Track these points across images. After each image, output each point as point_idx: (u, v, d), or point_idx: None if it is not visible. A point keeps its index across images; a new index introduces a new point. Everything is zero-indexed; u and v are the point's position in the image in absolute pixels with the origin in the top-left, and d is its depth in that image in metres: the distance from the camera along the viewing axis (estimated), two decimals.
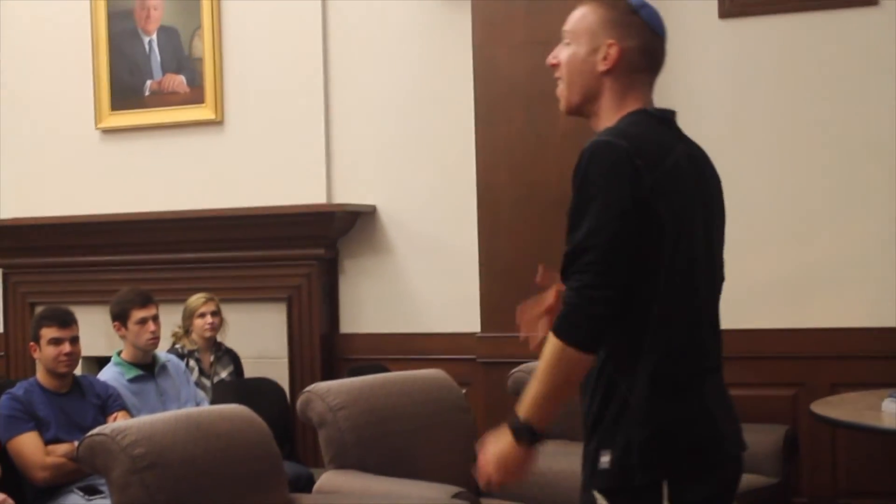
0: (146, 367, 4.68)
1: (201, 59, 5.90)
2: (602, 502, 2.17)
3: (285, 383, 5.57)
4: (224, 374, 5.27)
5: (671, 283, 2.19)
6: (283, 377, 5.60)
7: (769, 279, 4.93)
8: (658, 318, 2.17)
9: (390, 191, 5.61)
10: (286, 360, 5.69)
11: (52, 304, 4.84)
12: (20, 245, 6.20)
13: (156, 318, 4.66)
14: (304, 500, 3.68)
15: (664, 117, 2.35)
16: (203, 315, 5.22)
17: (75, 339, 4.38)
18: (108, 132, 6.14)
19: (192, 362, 5.16)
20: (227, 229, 5.76)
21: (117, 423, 3.39)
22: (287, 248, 5.68)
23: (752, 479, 4.35)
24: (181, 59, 5.96)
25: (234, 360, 5.37)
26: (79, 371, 4.67)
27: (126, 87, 6.07)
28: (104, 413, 4.35)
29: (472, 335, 5.21)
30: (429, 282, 5.55)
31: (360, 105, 5.66)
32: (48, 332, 4.33)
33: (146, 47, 6.02)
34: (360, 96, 5.66)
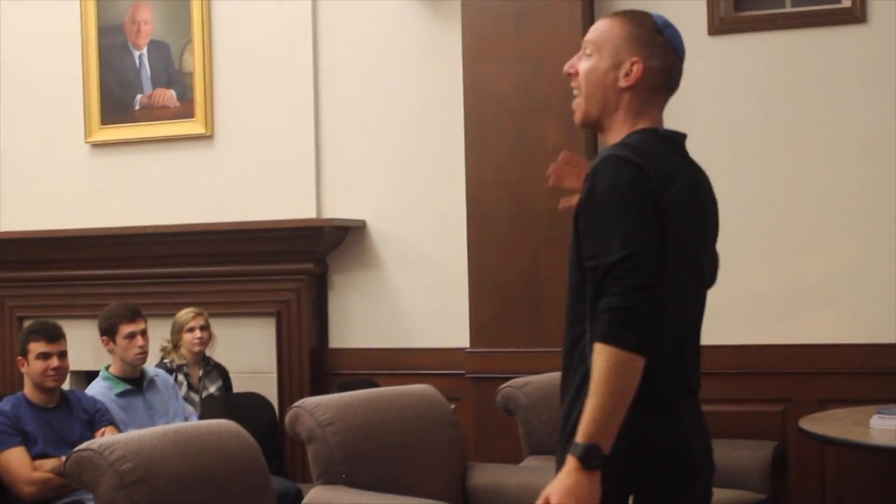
0: (134, 382, 4.66)
1: (191, 74, 5.90)
2: None
3: (274, 398, 5.56)
4: (213, 389, 5.26)
5: (667, 302, 2.20)
6: (271, 392, 5.59)
7: (757, 295, 4.94)
8: (653, 334, 2.18)
9: (380, 206, 5.62)
10: (275, 375, 5.68)
11: (41, 318, 4.83)
12: (8, 258, 6.18)
13: (144, 333, 4.65)
14: None
15: (674, 140, 2.36)
16: (192, 329, 5.21)
17: (63, 354, 4.37)
18: (97, 146, 6.13)
19: (180, 377, 5.14)
20: (217, 244, 5.75)
21: (105, 438, 3.37)
22: (276, 263, 5.67)
23: (740, 496, 4.35)
24: (171, 74, 5.96)
25: (223, 374, 5.36)
26: (67, 385, 4.66)
27: (116, 102, 6.06)
28: (92, 428, 4.34)
29: (462, 350, 5.21)
30: (418, 297, 5.55)
31: (350, 120, 5.67)
32: (36, 347, 4.32)
33: (136, 61, 6.02)
34: (350, 111, 5.67)
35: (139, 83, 6.02)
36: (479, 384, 5.07)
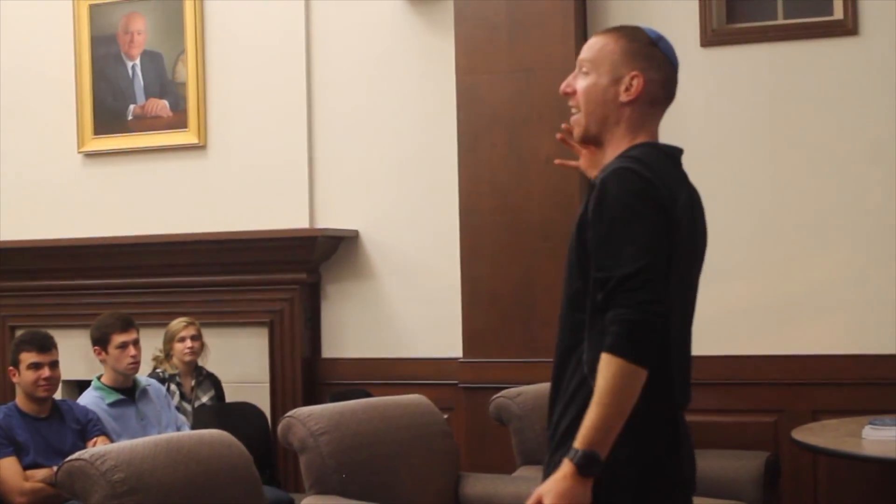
0: (127, 392, 4.65)
1: (185, 84, 5.90)
2: None
3: (267, 408, 5.55)
4: (205, 399, 5.25)
5: (672, 317, 2.20)
6: (264, 402, 5.58)
7: (751, 305, 4.95)
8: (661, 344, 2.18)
9: (373, 216, 5.62)
10: (268, 385, 5.68)
11: (32, 328, 4.82)
12: (0, 268, 6.17)
13: (136, 343, 4.64)
14: None
15: (673, 154, 2.37)
16: (183, 339, 5.21)
17: (55, 364, 4.36)
18: (90, 156, 6.13)
19: (172, 386, 5.14)
20: (210, 254, 5.75)
21: (96, 448, 3.36)
22: (269, 273, 5.67)
23: None
24: (164, 84, 5.96)
25: (216, 384, 5.35)
26: (59, 395, 4.64)
27: (109, 112, 6.06)
28: (84, 438, 4.32)
29: (455, 360, 5.21)
30: (411, 307, 5.55)
31: (343, 130, 5.67)
32: (27, 357, 4.31)
33: (129, 72, 6.03)
34: (343, 122, 5.67)
35: (132, 93, 6.02)
36: (472, 394, 5.07)
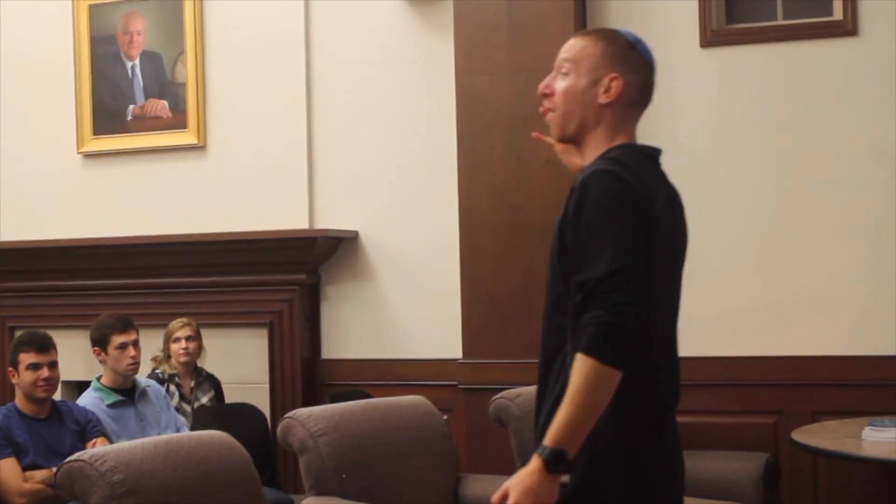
0: (126, 393, 4.65)
1: (184, 85, 5.90)
2: None
3: (266, 409, 5.55)
4: (204, 400, 5.24)
5: (654, 316, 2.22)
6: (263, 403, 5.58)
7: (750, 306, 4.94)
8: (642, 347, 2.18)
9: (372, 216, 5.62)
10: (267, 386, 5.67)
11: (31, 329, 4.81)
12: (0, 268, 6.17)
13: (136, 344, 4.64)
14: None
15: (651, 155, 2.38)
16: (178, 340, 5.21)
17: (54, 364, 4.36)
18: (90, 156, 6.13)
19: (172, 387, 5.14)
20: (209, 254, 5.75)
21: (96, 449, 3.36)
22: (269, 274, 5.67)
23: None
24: (164, 84, 5.96)
25: (215, 385, 5.35)
26: (58, 396, 4.64)
27: (108, 112, 6.06)
28: (83, 439, 4.32)
29: (454, 361, 5.20)
30: (411, 308, 5.54)
31: (342, 131, 5.67)
32: (26, 357, 4.31)
33: (129, 72, 6.02)
34: (342, 122, 5.67)
35: (132, 94, 6.02)
36: (472, 395, 5.07)
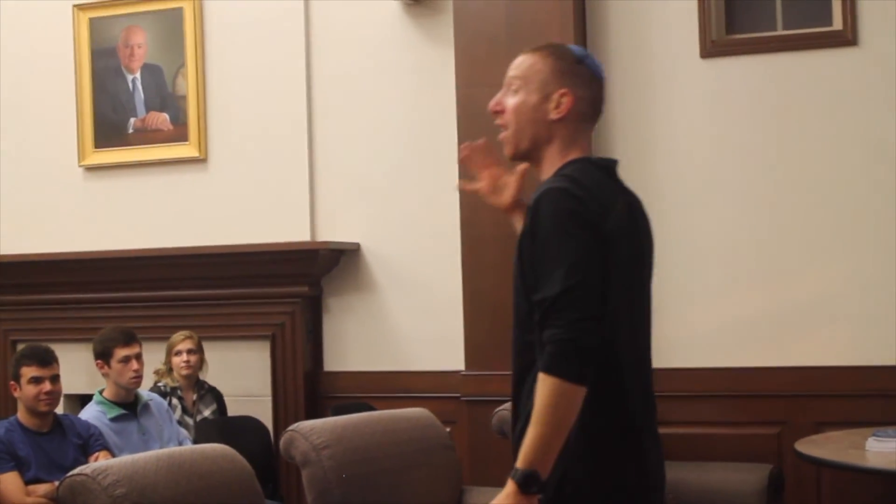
0: (128, 406, 4.65)
1: (185, 97, 5.91)
2: None
3: (269, 422, 5.54)
4: (207, 413, 5.24)
5: (618, 327, 2.24)
6: (266, 416, 5.57)
7: (752, 317, 4.93)
8: (607, 359, 2.20)
9: (374, 229, 5.62)
10: (269, 399, 5.66)
11: (33, 342, 4.81)
12: (2, 282, 6.16)
13: (139, 357, 4.64)
14: None
15: (607, 166, 2.40)
16: (179, 353, 5.21)
17: (56, 378, 4.35)
18: (91, 169, 6.13)
19: (174, 400, 5.13)
20: (211, 267, 5.74)
21: (98, 462, 3.36)
22: (270, 286, 5.66)
23: None
24: (165, 97, 5.97)
25: (217, 398, 5.34)
26: (60, 409, 4.63)
27: (110, 125, 6.07)
28: (85, 453, 4.31)
29: (457, 373, 5.20)
30: (413, 320, 5.54)
31: (343, 143, 5.67)
32: (28, 371, 4.30)
33: (130, 85, 6.03)
34: (343, 134, 5.67)
35: (133, 106, 6.02)
36: (475, 407, 5.06)
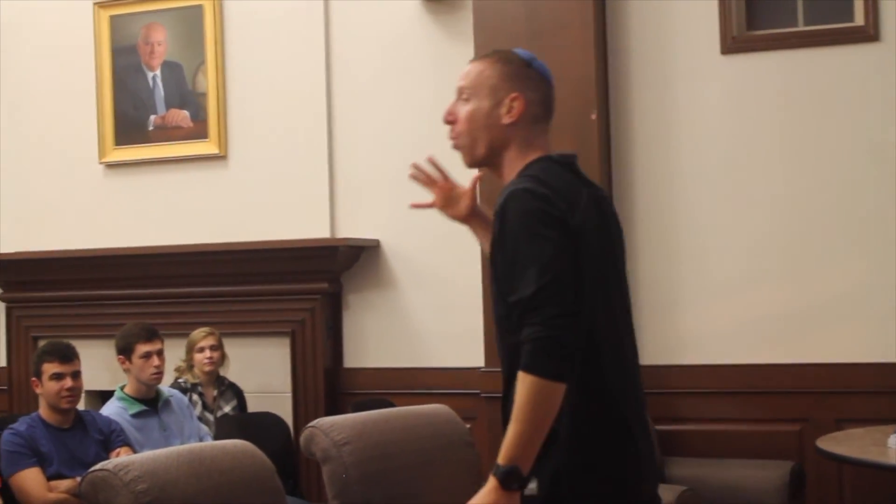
0: (150, 402, 4.66)
1: (205, 94, 5.92)
2: None
3: (289, 418, 5.55)
4: (227, 409, 5.25)
5: (596, 320, 2.25)
6: (286, 412, 5.58)
7: (774, 313, 4.92)
8: (588, 352, 2.22)
9: (394, 225, 5.62)
10: (290, 395, 5.68)
11: (55, 339, 4.83)
12: (23, 279, 6.20)
13: (160, 353, 4.66)
14: None
15: (568, 162, 2.42)
16: (202, 349, 5.22)
17: (77, 374, 4.37)
18: (111, 166, 6.16)
19: (195, 396, 5.15)
20: (231, 264, 5.76)
21: (120, 458, 3.37)
22: (291, 283, 5.67)
23: None
24: (185, 94, 5.99)
25: (238, 394, 5.36)
26: (82, 405, 4.65)
27: (130, 122, 6.09)
28: (107, 449, 4.34)
29: (476, 370, 5.20)
30: (432, 316, 5.54)
31: (363, 139, 5.68)
32: (50, 368, 4.32)
33: (150, 82, 6.05)
34: (363, 131, 5.68)
35: (153, 104, 6.04)
36: (494, 403, 5.02)
